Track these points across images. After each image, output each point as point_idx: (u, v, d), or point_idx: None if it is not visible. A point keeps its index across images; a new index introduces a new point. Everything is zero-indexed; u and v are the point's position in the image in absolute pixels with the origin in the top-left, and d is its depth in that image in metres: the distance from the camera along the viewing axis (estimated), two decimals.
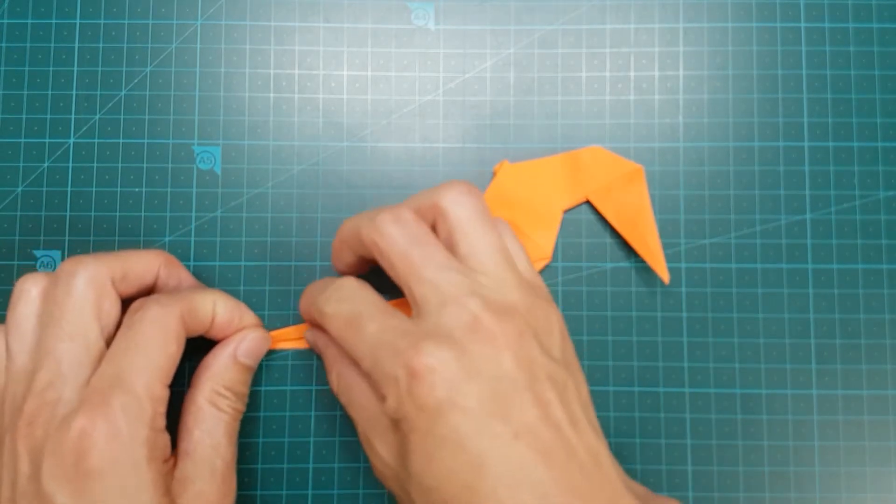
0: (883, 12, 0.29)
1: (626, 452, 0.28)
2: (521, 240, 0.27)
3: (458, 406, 0.20)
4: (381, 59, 0.29)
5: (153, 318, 0.22)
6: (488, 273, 0.22)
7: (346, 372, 0.24)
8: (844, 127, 0.29)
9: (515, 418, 0.20)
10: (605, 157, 0.28)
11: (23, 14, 0.29)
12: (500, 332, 0.21)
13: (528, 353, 0.21)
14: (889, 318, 0.28)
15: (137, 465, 0.21)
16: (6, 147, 0.29)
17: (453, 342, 0.20)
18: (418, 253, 0.22)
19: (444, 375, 0.20)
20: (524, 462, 0.19)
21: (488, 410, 0.20)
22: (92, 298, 0.22)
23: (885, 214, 0.29)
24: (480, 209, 0.23)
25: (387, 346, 0.21)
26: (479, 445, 0.19)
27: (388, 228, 0.23)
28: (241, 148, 0.29)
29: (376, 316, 0.22)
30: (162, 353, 0.22)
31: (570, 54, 0.29)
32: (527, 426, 0.20)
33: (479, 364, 0.20)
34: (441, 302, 0.21)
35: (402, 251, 0.22)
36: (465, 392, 0.20)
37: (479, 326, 0.21)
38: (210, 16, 0.29)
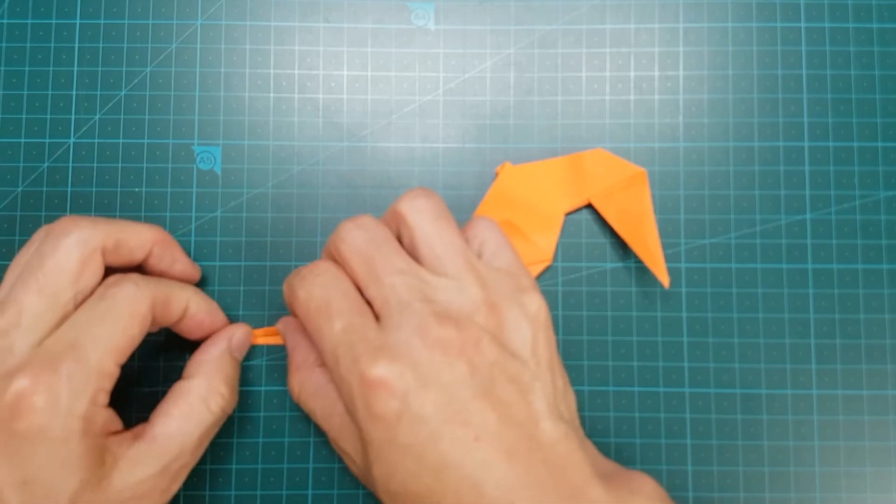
0: (883, 12, 0.29)
1: (626, 453, 0.28)
2: (521, 241, 0.27)
3: (414, 415, 0.20)
4: (381, 59, 0.29)
5: (125, 296, 0.22)
6: (448, 275, 0.22)
7: (311, 379, 0.24)
8: (844, 127, 0.29)
9: (475, 422, 0.20)
10: (607, 160, 0.28)
11: (23, 14, 0.29)
12: (455, 338, 0.20)
13: (486, 358, 0.21)
14: (889, 318, 0.28)
15: (70, 436, 0.20)
16: (6, 147, 0.29)
17: (408, 351, 0.20)
18: (378, 255, 0.22)
19: (398, 387, 0.20)
20: (486, 462, 0.19)
21: (445, 416, 0.20)
22: (75, 260, 0.22)
23: (885, 214, 0.29)
24: (437, 211, 0.23)
25: (347, 349, 0.21)
26: (440, 450, 0.19)
27: (350, 233, 0.23)
28: (241, 148, 0.29)
29: (345, 312, 0.22)
30: (124, 332, 0.22)
31: (570, 54, 0.29)
32: (486, 429, 0.20)
33: (434, 372, 0.20)
34: (399, 307, 0.21)
35: (362, 253, 0.22)
36: (421, 401, 0.20)
37: (433, 334, 0.20)
38: (210, 16, 0.29)
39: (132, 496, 0.21)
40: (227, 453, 0.28)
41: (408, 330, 0.21)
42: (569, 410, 0.22)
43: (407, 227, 0.23)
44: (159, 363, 0.28)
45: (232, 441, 0.28)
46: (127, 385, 0.28)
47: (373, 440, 0.20)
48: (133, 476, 0.21)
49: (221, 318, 0.26)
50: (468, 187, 0.29)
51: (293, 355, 0.25)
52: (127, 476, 0.21)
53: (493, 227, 0.24)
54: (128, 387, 0.28)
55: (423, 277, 0.22)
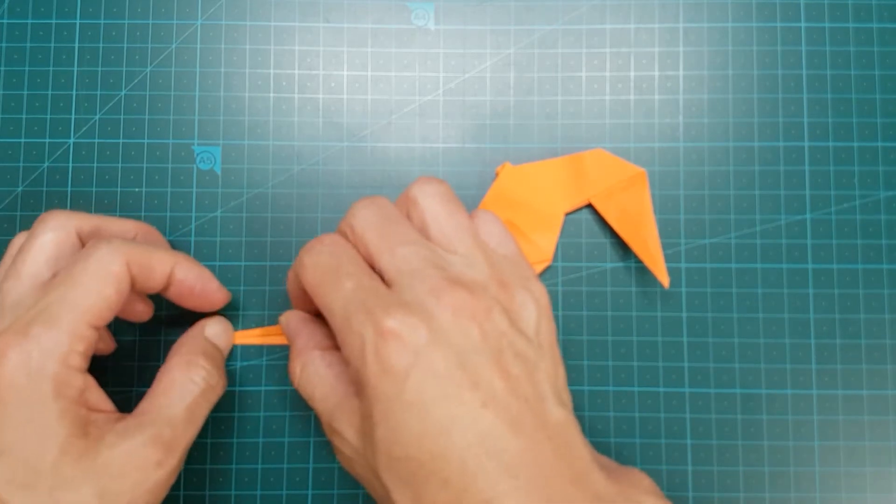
0: (883, 12, 0.29)
1: (626, 452, 0.28)
2: (521, 241, 0.27)
3: (424, 371, 0.20)
4: (381, 59, 0.29)
5: (97, 257, 0.22)
6: (458, 252, 0.22)
7: (313, 361, 0.24)
8: (844, 127, 0.29)
9: (483, 387, 0.20)
10: (608, 161, 0.28)
11: (23, 14, 0.29)
12: (468, 304, 0.21)
13: (497, 327, 0.21)
14: (889, 318, 0.28)
15: (43, 398, 0.21)
16: (6, 147, 0.29)
17: (422, 310, 0.20)
18: (392, 229, 0.22)
19: (411, 340, 0.20)
20: (492, 430, 0.19)
21: (455, 378, 0.20)
22: (50, 242, 0.23)
23: (885, 214, 0.29)
24: (448, 196, 0.23)
25: (359, 304, 0.21)
26: (446, 411, 0.19)
27: (363, 211, 0.23)
28: (241, 148, 0.29)
29: (354, 273, 0.22)
30: (96, 293, 0.22)
31: (570, 54, 0.29)
32: (494, 396, 0.20)
33: (447, 333, 0.20)
34: (412, 273, 0.21)
35: (376, 227, 0.22)
36: (432, 358, 0.20)
37: (447, 298, 0.20)
38: (210, 16, 0.29)
39: (122, 468, 0.21)
40: (227, 453, 0.28)
41: (421, 291, 0.21)
42: (568, 401, 0.22)
43: (417, 209, 0.23)
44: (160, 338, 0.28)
45: (232, 441, 0.28)
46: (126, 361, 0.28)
47: (379, 397, 0.20)
48: (120, 447, 0.21)
49: (214, 284, 0.26)
50: (468, 187, 0.29)
51: (296, 341, 0.25)
52: (114, 447, 0.21)
53: (495, 219, 0.24)
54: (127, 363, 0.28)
55: (435, 250, 0.22)
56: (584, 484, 0.20)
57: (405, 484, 0.20)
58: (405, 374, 0.20)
